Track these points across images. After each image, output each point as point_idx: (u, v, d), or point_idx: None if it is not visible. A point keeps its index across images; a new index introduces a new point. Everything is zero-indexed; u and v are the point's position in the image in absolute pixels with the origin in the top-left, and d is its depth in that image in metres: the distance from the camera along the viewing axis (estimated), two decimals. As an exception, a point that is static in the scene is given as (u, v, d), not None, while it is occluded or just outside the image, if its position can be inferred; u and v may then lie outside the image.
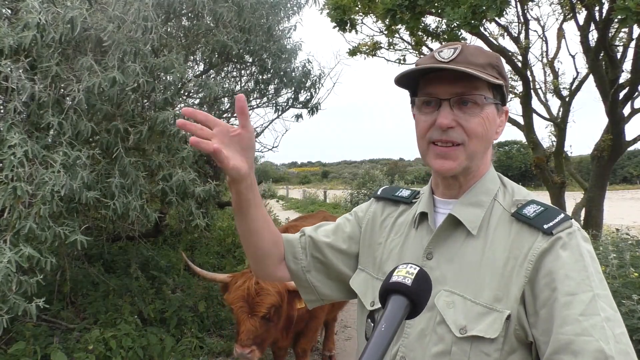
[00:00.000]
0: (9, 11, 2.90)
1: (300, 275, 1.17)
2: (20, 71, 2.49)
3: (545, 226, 0.88)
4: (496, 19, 7.15)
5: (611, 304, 0.83)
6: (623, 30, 7.34)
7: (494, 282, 0.89)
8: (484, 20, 6.39)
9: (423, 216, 1.04)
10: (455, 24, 5.00)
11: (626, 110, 6.99)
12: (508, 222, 0.94)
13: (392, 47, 8.42)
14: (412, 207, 1.11)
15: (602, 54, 6.43)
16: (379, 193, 1.21)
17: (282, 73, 5.05)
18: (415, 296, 0.68)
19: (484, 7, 4.64)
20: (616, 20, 4.33)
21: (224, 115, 5.50)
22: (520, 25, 7.96)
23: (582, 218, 7.53)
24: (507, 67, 7.72)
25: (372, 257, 1.12)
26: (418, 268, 0.71)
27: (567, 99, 8.56)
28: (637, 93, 7.01)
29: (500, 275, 0.89)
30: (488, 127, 0.95)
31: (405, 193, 1.16)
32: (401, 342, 0.96)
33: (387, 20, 5.81)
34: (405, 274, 0.70)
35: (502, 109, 1.00)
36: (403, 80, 0.99)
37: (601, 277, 0.85)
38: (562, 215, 0.90)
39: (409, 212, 1.10)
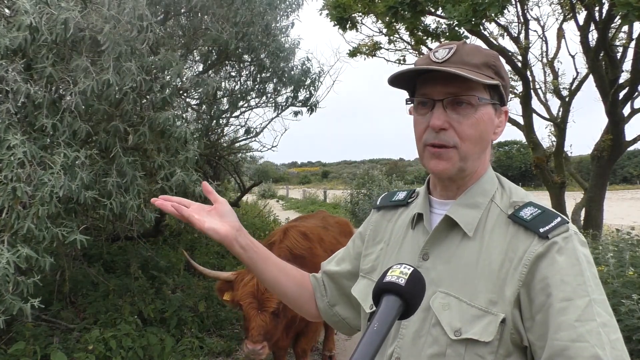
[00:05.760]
0: (7, 11, 2.89)
1: (327, 311, 1.22)
2: (15, 72, 2.47)
3: (542, 230, 0.87)
4: (496, 19, 7.15)
5: (607, 309, 0.82)
6: (623, 30, 7.34)
7: (490, 285, 0.89)
8: (485, 20, 6.37)
9: (419, 217, 1.04)
10: (456, 21, 4.97)
11: (626, 110, 7.00)
12: (505, 224, 0.93)
13: (392, 44, 8.41)
14: (409, 208, 1.11)
15: (602, 54, 6.43)
16: (377, 203, 1.21)
17: (280, 72, 5.04)
18: (409, 296, 0.67)
19: (486, 4, 4.60)
20: (618, 16, 4.28)
21: (224, 115, 5.48)
22: (520, 25, 7.96)
23: (582, 218, 7.53)
24: (507, 67, 7.71)
25: (373, 264, 1.12)
26: (412, 268, 0.70)
27: (567, 99, 8.57)
28: (637, 93, 7.01)
29: (495, 278, 0.89)
30: (482, 128, 0.94)
31: (401, 195, 1.16)
32: (396, 343, 0.95)
33: (388, 17, 5.78)
34: (399, 274, 0.69)
35: (500, 109, 0.99)
36: (399, 82, 0.99)
37: (597, 282, 0.85)
38: (559, 218, 0.89)
39: (407, 213, 1.11)
